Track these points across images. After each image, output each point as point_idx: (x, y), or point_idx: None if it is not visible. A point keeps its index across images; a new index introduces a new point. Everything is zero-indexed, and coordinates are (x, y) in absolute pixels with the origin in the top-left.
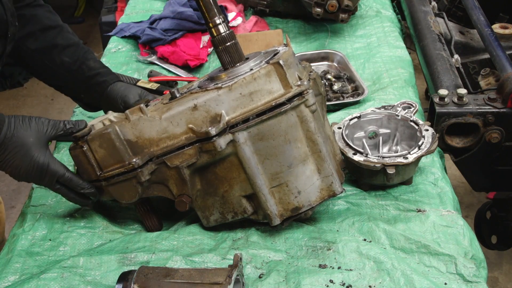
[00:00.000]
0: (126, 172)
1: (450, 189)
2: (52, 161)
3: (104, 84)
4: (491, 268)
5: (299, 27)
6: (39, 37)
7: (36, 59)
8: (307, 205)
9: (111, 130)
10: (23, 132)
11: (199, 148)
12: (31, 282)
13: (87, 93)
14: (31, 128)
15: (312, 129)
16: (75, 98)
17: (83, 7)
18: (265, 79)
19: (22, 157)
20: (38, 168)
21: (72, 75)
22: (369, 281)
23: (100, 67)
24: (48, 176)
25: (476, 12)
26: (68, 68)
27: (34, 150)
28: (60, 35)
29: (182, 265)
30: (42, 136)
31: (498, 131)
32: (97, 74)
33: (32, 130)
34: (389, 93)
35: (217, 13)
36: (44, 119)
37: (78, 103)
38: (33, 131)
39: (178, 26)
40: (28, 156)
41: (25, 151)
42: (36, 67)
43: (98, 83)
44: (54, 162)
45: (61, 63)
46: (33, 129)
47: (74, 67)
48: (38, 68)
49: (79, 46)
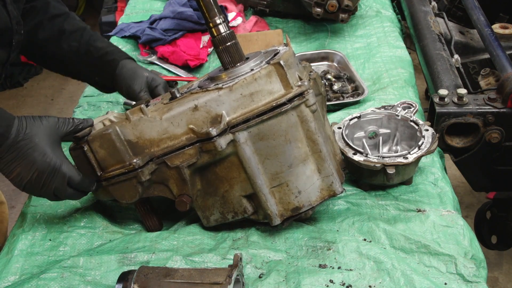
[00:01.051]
0: (127, 172)
1: (450, 189)
2: (65, 162)
3: (114, 63)
4: (491, 268)
5: (299, 27)
6: (46, 26)
7: (45, 48)
8: (307, 205)
9: (111, 131)
10: (35, 130)
11: (199, 148)
12: (31, 282)
13: (100, 75)
14: (43, 126)
15: (313, 129)
16: (91, 82)
17: (83, 7)
18: (266, 79)
19: (36, 156)
20: (51, 168)
21: (82, 59)
22: (369, 281)
23: (107, 46)
24: (59, 177)
25: (476, 12)
26: (77, 52)
27: (47, 149)
28: (67, 21)
29: (182, 265)
30: (54, 134)
31: (498, 131)
32: (105, 54)
33: (44, 128)
34: (389, 93)
35: (218, 13)
36: (54, 117)
37: (96, 86)
38: (45, 129)
39: (178, 26)
40: (41, 156)
41: (39, 151)
42: (46, 57)
43: (107, 62)
44: (67, 163)
45: (69, 48)
46: (45, 127)
47: (83, 51)
48: (48, 58)
49: (85, 30)
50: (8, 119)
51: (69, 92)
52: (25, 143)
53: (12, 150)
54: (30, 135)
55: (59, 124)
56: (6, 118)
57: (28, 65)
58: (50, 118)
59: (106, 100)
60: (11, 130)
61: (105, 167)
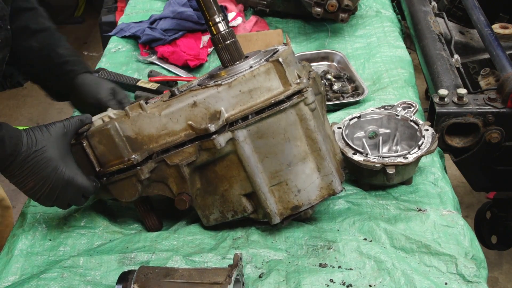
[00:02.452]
0: (126, 168)
1: (450, 189)
2: (78, 173)
3: (71, 74)
4: (491, 268)
5: (299, 27)
6: (11, 19)
7: None
8: (307, 203)
9: (110, 126)
10: (45, 142)
11: (198, 146)
12: (31, 282)
13: (56, 82)
14: (52, 137)
15: (312, 127)
16: (43, 86)
17: (83, 7)
18: (265, 76)
19: (49, 172)
20: (64, 182)
21: (41, 62)
22: (370, 280)
23: (69, 55)
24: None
25: (476, 12)
26: (37, 54)
27: (60, 163)
28: (33, 18)
29: (182, 265)
30: (63, 141)
31: (498, 131)
32: (65, 63)
33: (53, 138)
34: (389, 93)
35: (217, 11)
36: (59, 123)
37: (47, 92)
38: (54, 139)
39: (178, 26)
40: (54, 171)
41: (51, 166)
42: None
43: (66, 72)
44: (80, 174)
45: (30, 48)
46: (54, 137)
47: (43, 54)
48: None
49: (50, 32)
50: (16, 137)
51: None
52: (36, 160)
53: (24, 167)
54: (41, 151)
55: (66, 129)
56: (14, 136)
57: None
58: (56, 125)
59: None
60: (20, 148)
61: (104, 163)
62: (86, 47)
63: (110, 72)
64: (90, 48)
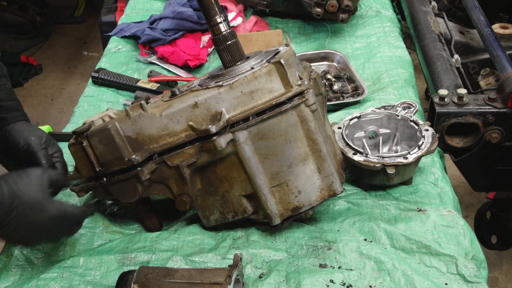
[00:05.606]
0: (126, 169)
1: (450, 189)
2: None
3: (3, 122)
4: (491, 268)
5: (299, 27)
6: None
7: None
8: (307, 204)
9: (111, 126)
10: (26, 189)
11: (199, 147)
12: (31, 282)
13: None
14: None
15: (312, 129)
16: None
17: (83, 7)
18: (266, 78)
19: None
20: (56, 223)
21: None
22: (370, 281)
23: (5, 100)
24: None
25: (476, 12)
26: None
27: (45, 205)
28: None
29: (182, 265)
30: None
31: (498, 131)
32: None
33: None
34: (389, 93)
35: (218, 12)
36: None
37: None
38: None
39: (178, 26)
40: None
41: (38, 209)
42: None
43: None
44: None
45: None
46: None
47: None
48: None
49: None
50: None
51: (69, 92)
52: (21, 208)
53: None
54: (24, 199)
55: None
56: None
57: (28, 65)
58: (34, 171)
59: (106, 100)
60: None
61: (104, 163)
62: (86, 47)
63: (110, 72)
64: (90, 48)
